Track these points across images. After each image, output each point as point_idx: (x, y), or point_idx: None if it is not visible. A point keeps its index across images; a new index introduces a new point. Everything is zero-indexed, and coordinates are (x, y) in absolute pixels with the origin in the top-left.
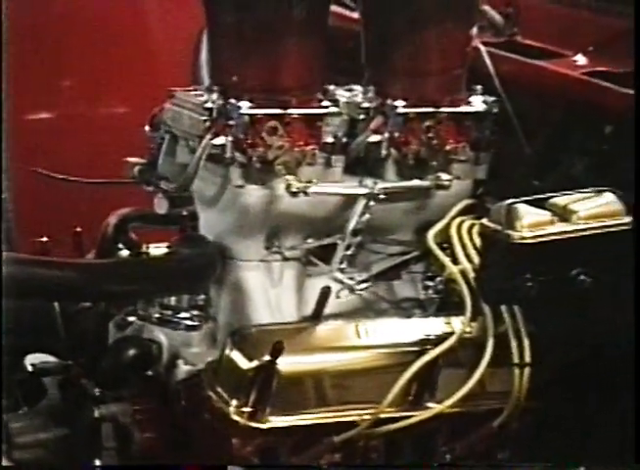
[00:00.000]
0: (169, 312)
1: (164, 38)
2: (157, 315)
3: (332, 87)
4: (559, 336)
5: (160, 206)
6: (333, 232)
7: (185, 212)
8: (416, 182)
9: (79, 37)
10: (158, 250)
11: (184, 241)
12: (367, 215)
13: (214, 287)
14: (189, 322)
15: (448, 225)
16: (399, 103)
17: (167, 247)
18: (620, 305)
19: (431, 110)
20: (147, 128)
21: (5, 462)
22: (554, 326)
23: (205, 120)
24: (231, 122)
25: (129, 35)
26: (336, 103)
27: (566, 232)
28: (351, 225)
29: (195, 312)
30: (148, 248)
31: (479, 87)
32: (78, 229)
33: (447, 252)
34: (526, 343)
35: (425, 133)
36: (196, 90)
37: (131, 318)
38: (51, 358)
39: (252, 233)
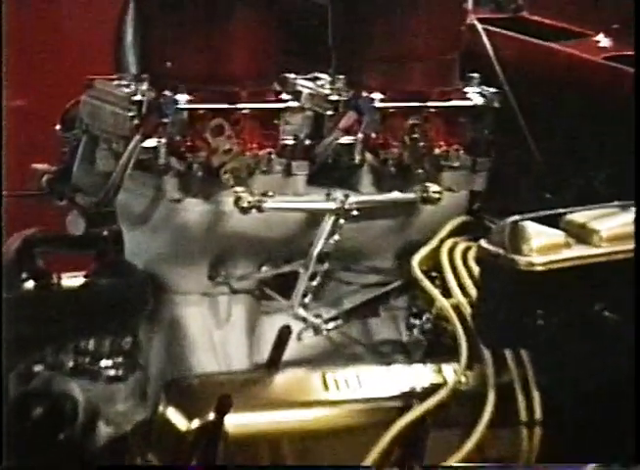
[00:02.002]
0: (87, 360)
1: (79, 16)
2: (70, 364)
3: (291, 76)
4: (576, 387)
5: (75, 225)
6: (294, 258)
7: (106, 233)
8: (397, 195)
9: None
10: (72, 280)
11: (105, 269)
12: (336, 237)
13: (144, 327)
14: (112, 372)
15: (438, 249)
16: (376, 95)
17: (84, 277)
18: None
19: (415, 104)
20: (58, 127)
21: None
22: (570, 375)
23: (132, 117)
24: (165, 120)
25: (36, 15)
26: (297, 95)
27: (585, 257)
28: (317, 249)
29: (119, 360)
30: (59, 278)
31: (475, 76)
32: None
33: (437, 282)
34: (536, 396)
35: (408, 133)
36: (120, 79)
37: (38, 368)
38: None
39: (193, 259)
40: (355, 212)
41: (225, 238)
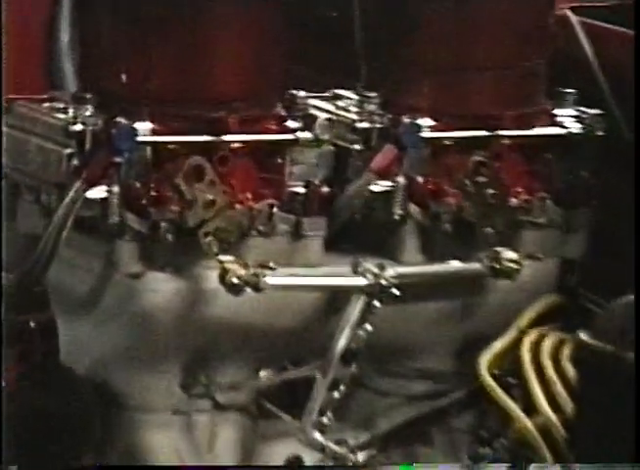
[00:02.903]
0: None
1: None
2: None
3: (301, 94)
4: None
5: None
6: (306, 358)
7: (33, 325)
8: (456, 265)
9: None
10: None
11: (31, 376)
12: (368, 326)
13: (89, 460)
14: None
15: (517, 344)
16: (424, 121)
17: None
18: None
19: (481, 133)
20: None
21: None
22: None
23: (69, 156)
24: (118, 159)
25: None
26: (309, 122)
27: None
28: (340, 345)
29: None
30: None
31: (569, 91)
32: None
33: (515, 392)
34: None
35: (471, 176)
36: (52, 100)
37: None
38: None
39: (160, 361)
40: (395, 291)
41: (206, 329)
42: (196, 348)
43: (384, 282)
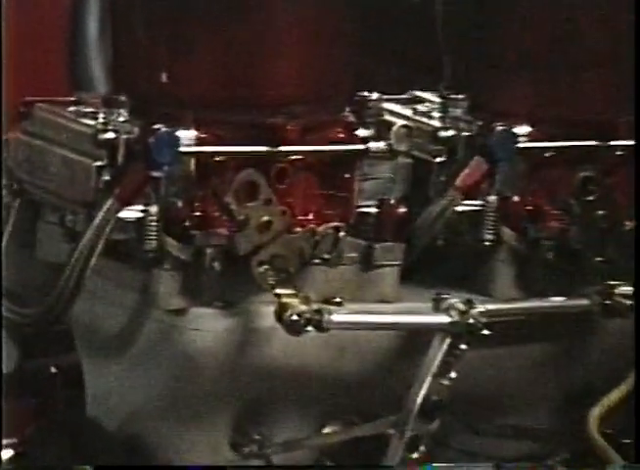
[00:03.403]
0: None
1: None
2: None
3: (373, 96)
4: None
5: (2, 357)
6: (379, 410)
7: (54, 370)
8: (560, 301)
9: None
10: None
11: (51, 433)
12: (453, 374)
13: None
14: None
15: (632, 397)
16: (520, 129)
17: (14, 447)
18: None
19: (590, 143)
20: None
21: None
22: None
23: (99, 169)
24: (157, 174)
25: None
26: (383, 130)
27: None
28: (420, 396)
29: None
30: None
31: None
32: None
33: (631, 454)
34: None
35: (578, 194)
36: (79, 104)
37: None
38: None
39: (206, 414)
40: (485, 332)
41: (260, 376)
42: (248, 398)
43: (471, 321)
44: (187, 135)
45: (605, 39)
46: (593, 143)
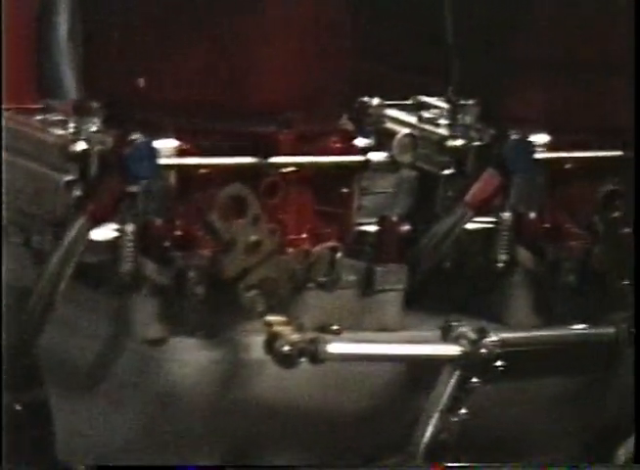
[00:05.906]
0: None
1: None
2: None
3: (374, 102)
4: None
5: None
6: (380, 452)
7: (18, 407)
8: (583, 330)
9: None
10: None
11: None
12: (463, 411)
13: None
14: None
15: None
16: (537, 138)
17: None
18: None
19: (615, 153)
20: None
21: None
22: None
23: (69, 183)
24: (133, 189)
25: None
26: (385, 139)
27: None
28: (427, 435)
29: None
30: None
31: None
32: None
33: None
34: None
35: (602, 211)
36: (47, 111)
37: None
38: None
39: (188, 455)
40: (499, 364)
41: (248, 413)
42: (235, 437)
43: (484, 351)
44: (167, 145)
45: (629, 41)
46: (618, 153)
